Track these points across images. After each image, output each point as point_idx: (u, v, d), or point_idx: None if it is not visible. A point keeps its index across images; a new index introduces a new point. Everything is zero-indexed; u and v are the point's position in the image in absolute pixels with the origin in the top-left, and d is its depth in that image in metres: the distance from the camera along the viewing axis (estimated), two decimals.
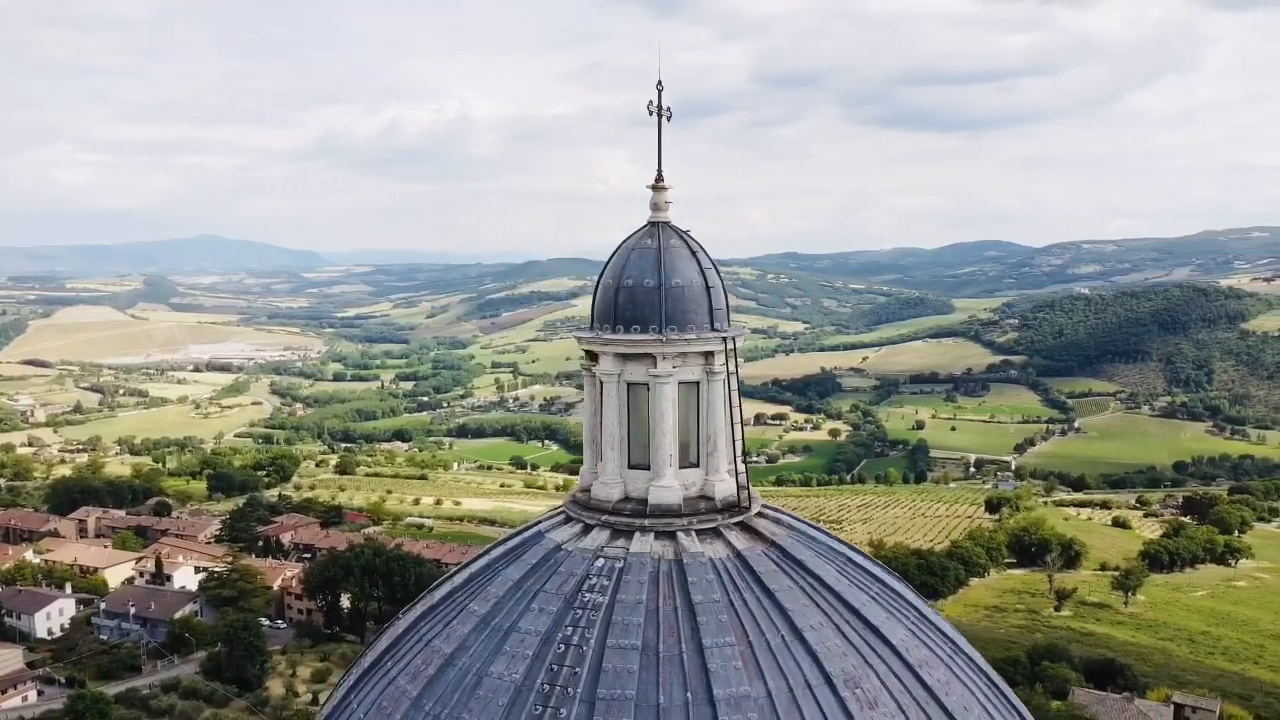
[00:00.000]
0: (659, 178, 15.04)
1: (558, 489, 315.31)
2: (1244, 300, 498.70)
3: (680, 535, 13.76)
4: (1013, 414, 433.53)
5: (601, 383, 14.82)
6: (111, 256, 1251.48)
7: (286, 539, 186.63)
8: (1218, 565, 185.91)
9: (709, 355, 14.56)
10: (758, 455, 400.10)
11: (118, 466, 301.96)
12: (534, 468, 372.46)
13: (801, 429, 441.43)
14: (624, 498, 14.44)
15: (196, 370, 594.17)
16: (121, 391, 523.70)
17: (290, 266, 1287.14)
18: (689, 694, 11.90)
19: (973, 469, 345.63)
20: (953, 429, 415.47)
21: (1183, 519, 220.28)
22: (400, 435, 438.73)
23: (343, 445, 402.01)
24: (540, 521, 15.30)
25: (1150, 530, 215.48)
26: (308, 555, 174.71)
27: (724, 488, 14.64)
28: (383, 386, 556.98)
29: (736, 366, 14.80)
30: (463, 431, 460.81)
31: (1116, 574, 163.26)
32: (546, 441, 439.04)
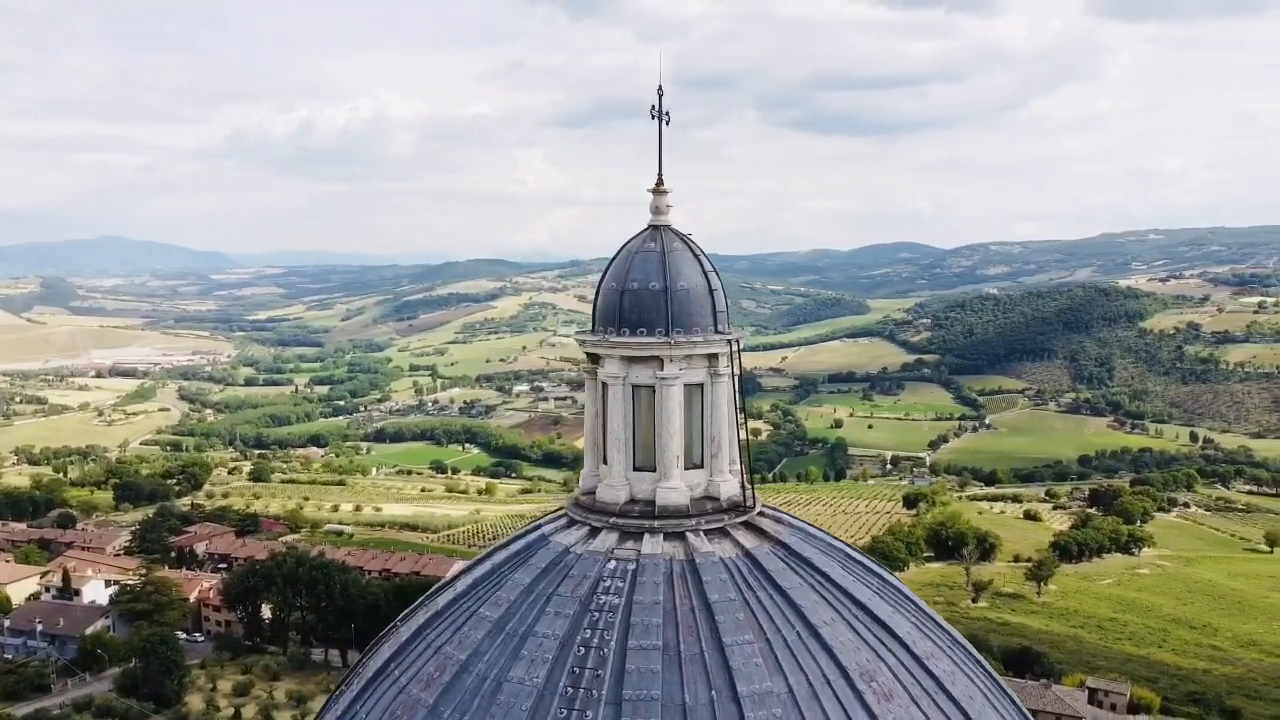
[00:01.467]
0: (659, 182, 15.16)
1: (480, 493, 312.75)
2: (1141, 300, 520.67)
3: (689, 536, 13.91)
4: (926, 412, 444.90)
5: (604, 385, 14.86)
6: (6, 257, 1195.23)
7: (201, 549, 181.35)
8: (1122, 554, 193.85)
9: (713, 357, 14.72)
10: None
11: (16, 477, 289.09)
12: (455, 472, 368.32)
13: None
14: (630, 500, 14.51)
15: (99, 376, 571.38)
16: (18, 399, 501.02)
17: (198, 268, 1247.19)
18: (713, 692, 12.06)
19: (889, 466, 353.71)
20: (870, 427, 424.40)
21: (1089, 511, 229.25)
22: (316, 440, 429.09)
23: (256, 452, 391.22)
24: (541, 525, 15.26)
25: (1059, 522, 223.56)
26: (223, 565, 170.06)
27: (728, 488, 14.84)
28: (297, 391, 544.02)
29: (739, 368, 14.99)
30: (381, 436, 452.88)
31: (1029, 565, 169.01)
32: (467, 445, 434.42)
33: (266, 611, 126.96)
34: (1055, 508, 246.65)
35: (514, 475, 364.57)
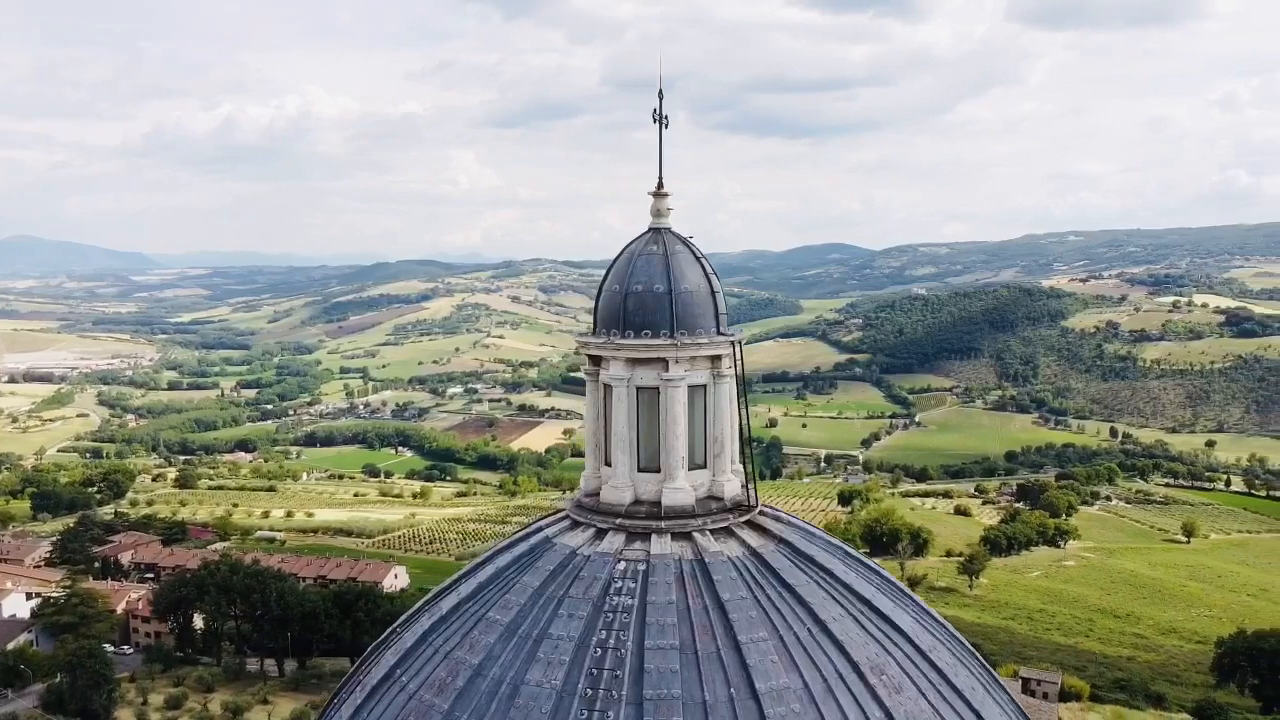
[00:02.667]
0: (660, 185, 15.26)
1: (415, 497, 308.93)
2: (1063, 300, 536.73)
3: (696, 536, 14.04)
4: (859, 410, 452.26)
5: (607, 387, 14.91)
6: None
7: (126, 559, 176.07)
8: (1049, 547, 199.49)
9: (715, 359, 14.87)
10: None
11: None
12: (388, 475, 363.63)
13: None
14: (635, 501, 14.58)
15: (13, 381, 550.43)
16: None
17: (117, 269, 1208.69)
18: (732, 689, 12.20)
19: (824, 464, 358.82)
20: (804, 426, 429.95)
21: (1017, 505, 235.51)
22: (244, 446, 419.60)
23: (181, 458, 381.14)
24: (542, 528, 15.23)
25: (989, 517, 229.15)
26: (151, 575, 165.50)
27: (731, 487, 15.01)
28: (223, 395, 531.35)
29: (741, 369, 15.16)
30: (311, 440, 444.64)
31: (961, 559, 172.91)
32: (401, 448, 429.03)
33: (199, 621, 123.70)
34: (984, 503, 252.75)
35: (449, 478, 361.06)
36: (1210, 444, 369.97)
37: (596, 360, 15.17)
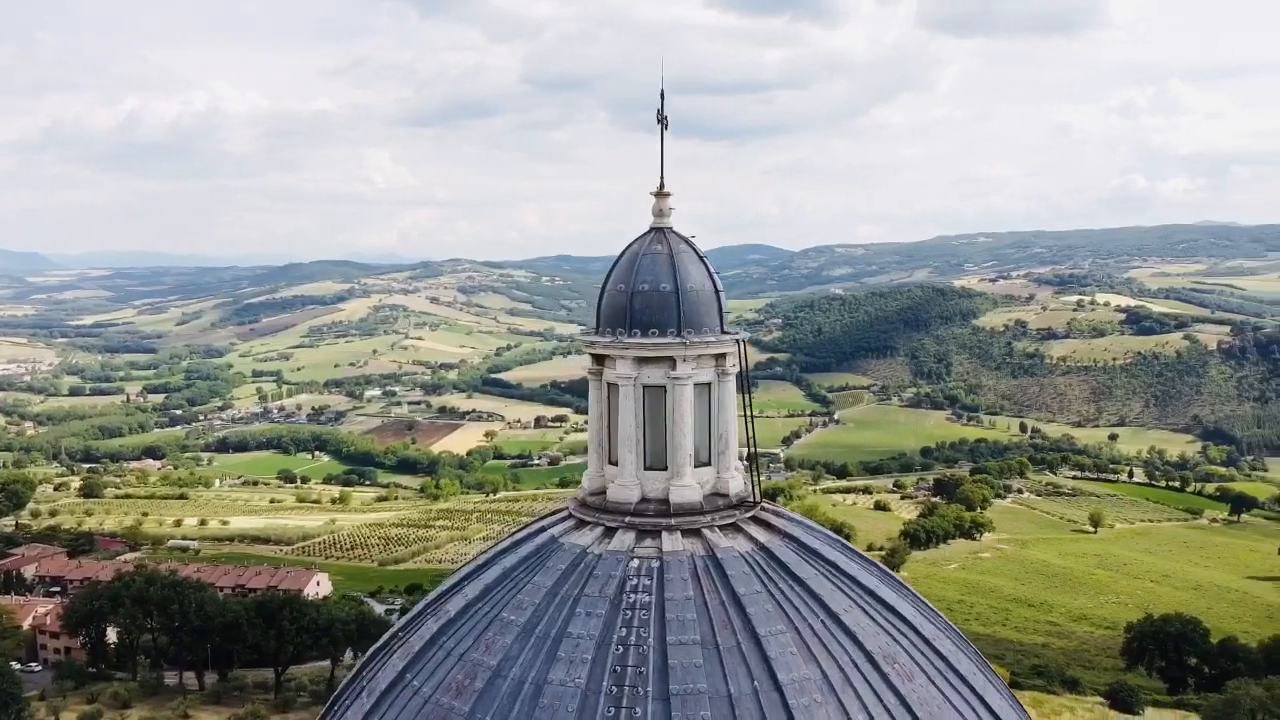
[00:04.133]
0: (661, 185, 15.36)
1: (334, 502, 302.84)
2: (974, 299, 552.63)
3: (706, 532, 14.19)
4: (780, 409, 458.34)
5: (611, 386, 14.94)
6: None
7: (30, 572, 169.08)
8: (966, 539, 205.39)
9: (720, 357, 15.03)
10: (539, 457, 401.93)
11: None
12: (305, 481, 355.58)
13: (582, 430, 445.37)
14: (643, 499, 14.65)
15: None
16: None
17: (13, 269, 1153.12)
18: (755, 682, 12.37)
19: (745, 461, 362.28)
20: None
21: (934, 499, 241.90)
22: (152, 453, 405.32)
23: (85, 466, 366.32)
24: (545, 528, 15.17)
25: (908, 511, 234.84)
26: (57, 589, 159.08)
27: (736, 484, 15.20)
28: (128, 400, 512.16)
29: (745, 367, 15.34)
30: (223, 446, 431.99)
31: (882, 554, 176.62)
32: (317, 453, 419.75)
33: (112, 635, 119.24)
34: (903, 498, 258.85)
35: (368, 483, 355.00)
36: (1113, 437, 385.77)
37: (600, 359, 15.22)
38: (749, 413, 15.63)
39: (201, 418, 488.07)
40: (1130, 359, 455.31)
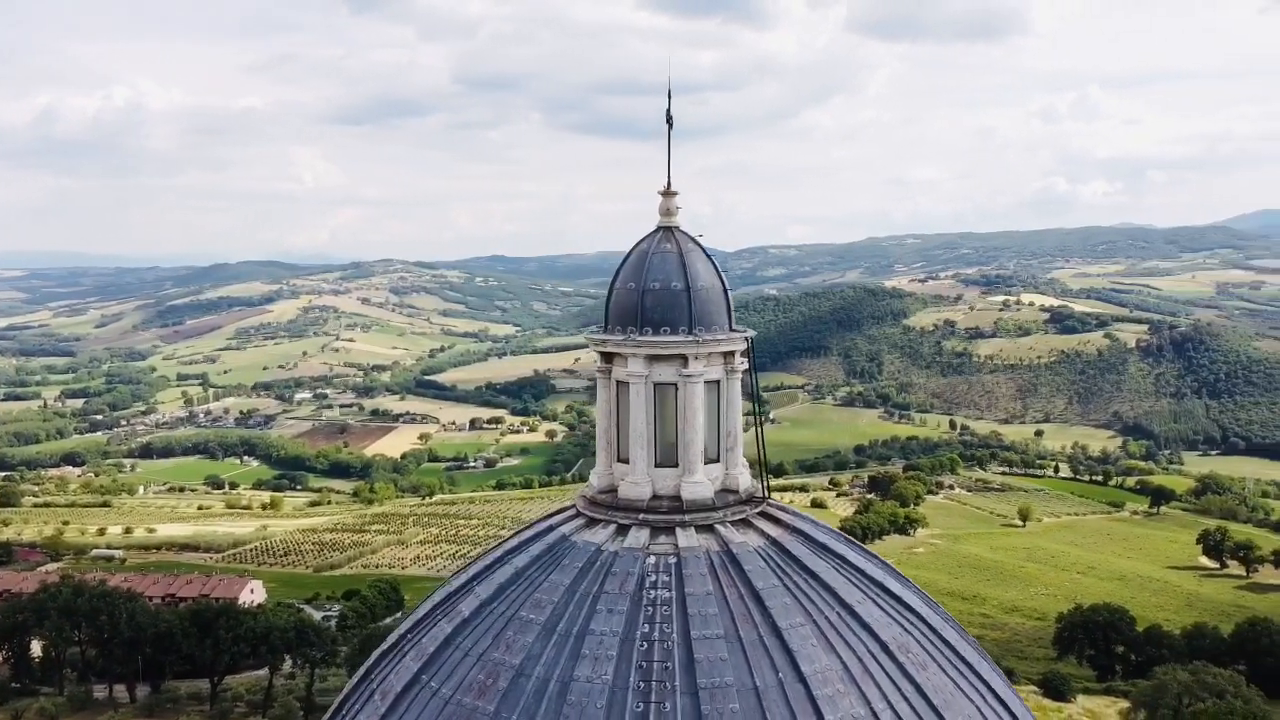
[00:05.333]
0: (668, 184, 15.47)
1: (265, 508, 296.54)
2: (904, 299, 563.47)
3: (719, 528, 14.34)
4: None
5: (620, 384, 15.02)
6: None
7: None
8: (900, 535, 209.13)
9: (729, 355, 15.19)
10: (475, 460, 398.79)
11: None
12: (234, 486, 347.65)
13: (518, 431, 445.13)
14: (654, 496, 14.74)
15: None
16: None
17: None
18: (780, 674, 12.54)
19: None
20: None
21: (869, 496, 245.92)
22: (71, 459, 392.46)
23: (0, 474, 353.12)
24: (554, 527, 15.15)
25: (844, 508, 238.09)
26: None
27: (744, 480, 15.36)
28: (45, 405, 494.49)
29: (753, 363, 15.53)
30: (147, 451, 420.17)
31: None
32: (246, 458, 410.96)
33: (37, 649, 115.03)
34: (839, 495, 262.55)
35: (299, 488, 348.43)
36: (1039, 433, 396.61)
37: (608, 358, 15.26)
38: (757, 408, 15.83)
39: (124, 423, 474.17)
40: (1054, 357, 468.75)
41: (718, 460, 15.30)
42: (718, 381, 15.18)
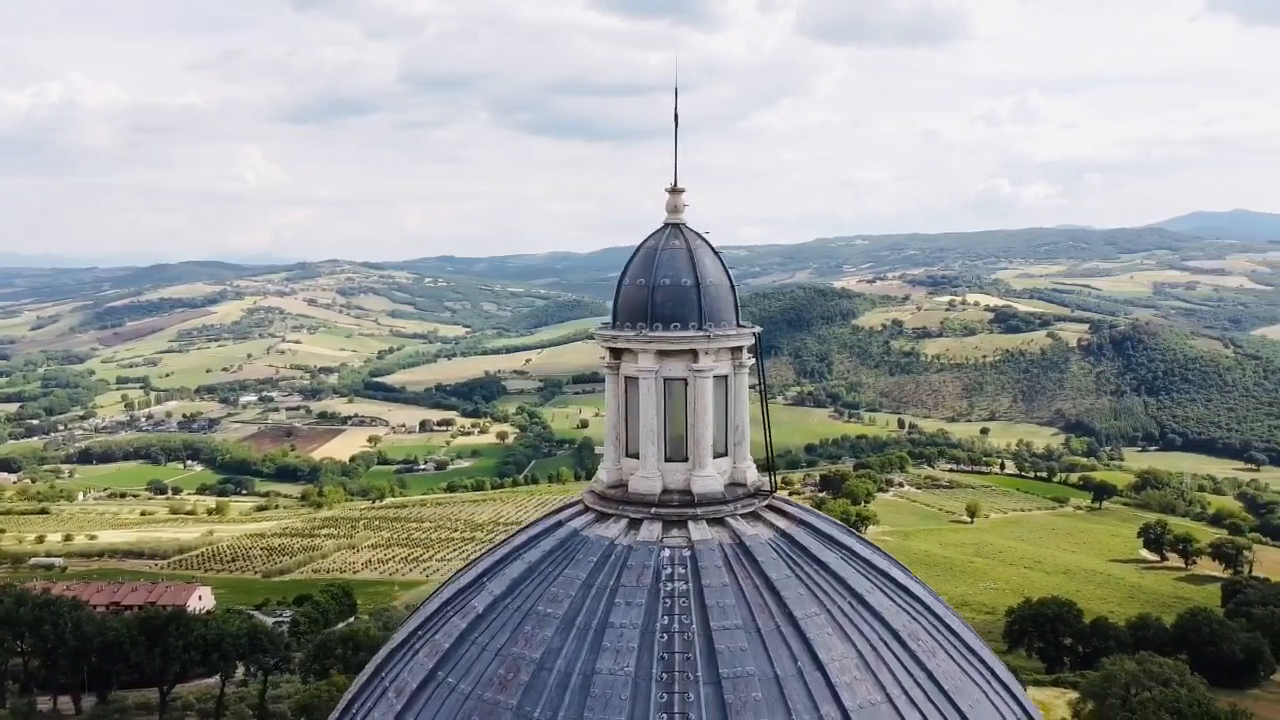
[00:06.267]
0: (675, 182, 15.61)
1: (211, 513, 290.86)
2: (853, 300, 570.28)
3: (729, 520, 14.51)
4: None
5: (629, 380, 15.14)
6: None
7: None
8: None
9: (736, 350, 15.37)
10: (425, 462, 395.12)
11: None
12: (177, 492, 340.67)
13: (469, 433, 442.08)
14: (665, 490, 14.87)
15: None
16: None
17: None
18: (799, 663, 12.74)
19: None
20: None
21: (821, 495, 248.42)
22: (6, 465, 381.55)
23: None
24: (564, 522, 15.20)
25: None
26: None
27: (752, 474, 15.56)
28: None
29: (761, 358, 15.72)
30: (86, 456, 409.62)
31: None
32: (190, 462, 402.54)
33: None
34: (792, 493, 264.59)
35: (245, 492, 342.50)
36: (984, 431, 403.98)
37: (617, 354, 15.36)
38: (765, 403, 16.03)
39: (61, 427, 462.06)
40: (999, 356, 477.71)
41: (725, 454, 15.50)
42: (725, 377, 15.37)
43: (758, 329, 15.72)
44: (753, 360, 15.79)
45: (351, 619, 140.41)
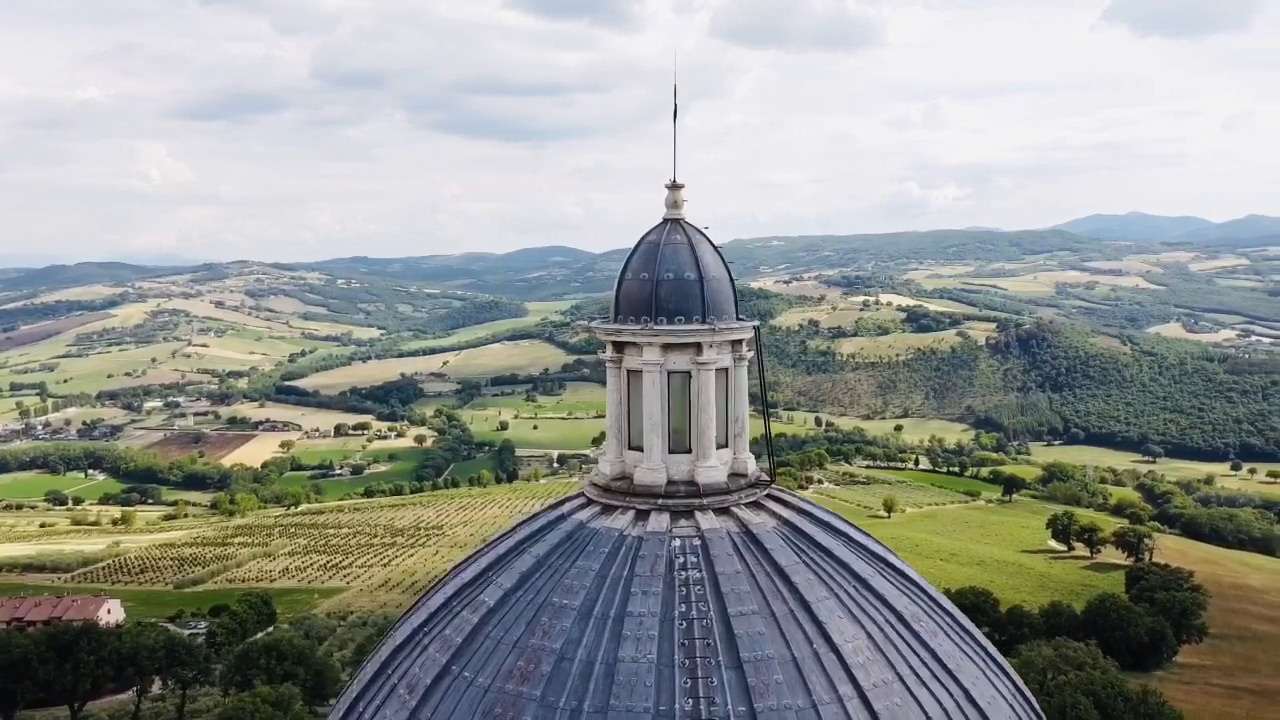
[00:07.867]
0: (674, 178, 15.80)
1: (116, 523, 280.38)
2: (770, 300, 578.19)
3: (734, 510, 14.78)
4: (588, 410, 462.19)
5: (632, 373, 15.30)
6: None
7: None
8: None
9: (736, 343, 15.64)
10: (341, 467, 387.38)
11: None
12: (79, 502, 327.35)
13: (386, 437, 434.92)
14: (670, 481, 15.06)
15: None
16: None
17: None
18: (814, 645, 13.06)
19: (557, 464, 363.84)
20: (535, 427, 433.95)
21: None
22: None
23: None
24: (568, 515, 15.25)
25: None
26: None
27: (752, 464, 15.85)
28: None
29: (760, 351, 16.00)
30: None
31: None
32: (91, 471, 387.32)
33: None
34: None
35: (152, 501, 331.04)
36: (898, 428, 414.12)
37: (619, 348, 15.49)
38: (764, 395, 16.34)
39: None
40: (911, 355, 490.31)
41: (726, 445, 15.78)
42: (726, 369, 15.65)
43: (756, 323, 16.05)
44: (751, 353, 16.06)
45: (271, 628, 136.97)
